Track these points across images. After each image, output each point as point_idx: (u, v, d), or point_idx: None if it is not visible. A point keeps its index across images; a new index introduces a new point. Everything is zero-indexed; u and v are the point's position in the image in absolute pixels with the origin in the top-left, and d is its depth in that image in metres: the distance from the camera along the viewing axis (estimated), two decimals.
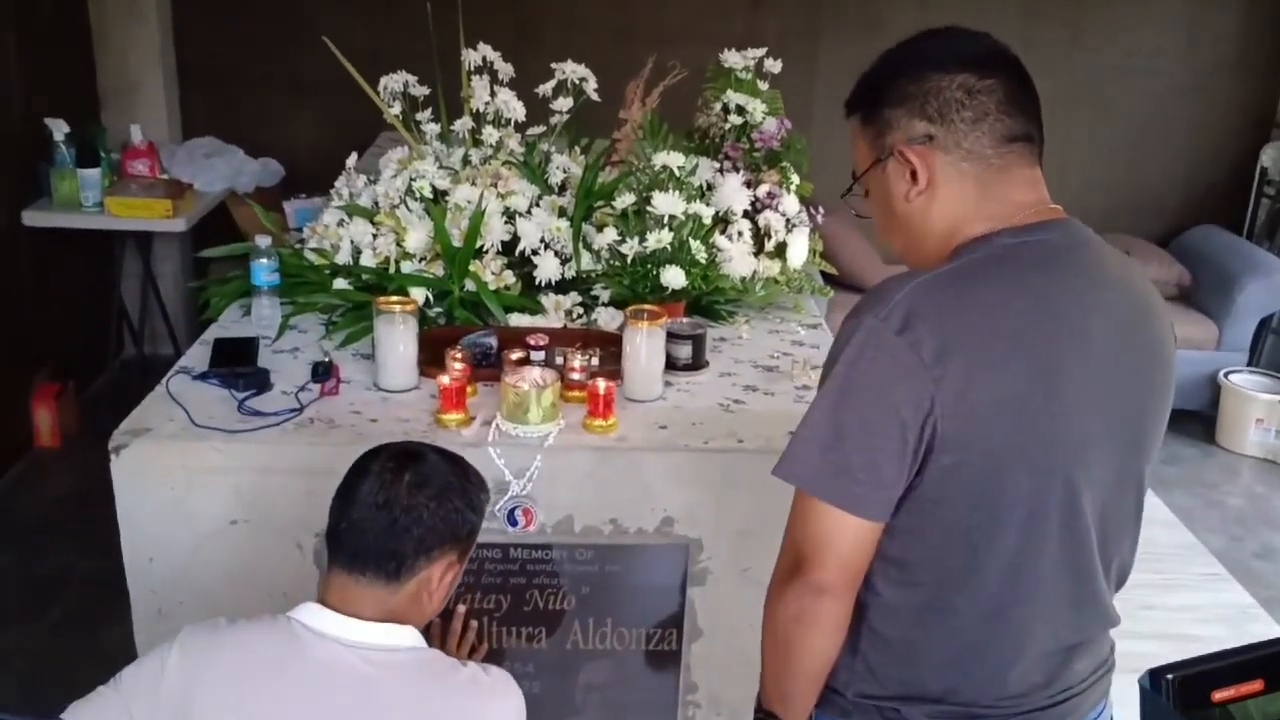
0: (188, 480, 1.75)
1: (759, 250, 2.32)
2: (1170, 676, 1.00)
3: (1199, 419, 4.44)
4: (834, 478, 1.12)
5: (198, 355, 2.08)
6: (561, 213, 2.26)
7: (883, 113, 1.21)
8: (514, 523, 1.78)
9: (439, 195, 2.26)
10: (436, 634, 1.76)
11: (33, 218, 3.67)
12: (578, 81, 2.40)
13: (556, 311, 2.21)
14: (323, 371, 1.94)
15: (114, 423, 1.79)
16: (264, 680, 1.28)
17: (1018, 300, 1.13)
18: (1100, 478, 1.19)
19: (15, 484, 3.62)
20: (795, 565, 1.16)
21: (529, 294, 2.24)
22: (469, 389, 1.89)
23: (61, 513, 3.39)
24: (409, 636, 1.35)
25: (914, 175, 1.20)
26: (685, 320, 2.16)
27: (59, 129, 3.64)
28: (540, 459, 1.77)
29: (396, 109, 2.42)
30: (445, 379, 1.82)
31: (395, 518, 1.33)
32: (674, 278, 2.15)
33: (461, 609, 1.82)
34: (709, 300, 2.36)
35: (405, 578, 1.34)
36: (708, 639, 1.94)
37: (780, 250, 2.34)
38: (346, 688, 1.29)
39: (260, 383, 1.92)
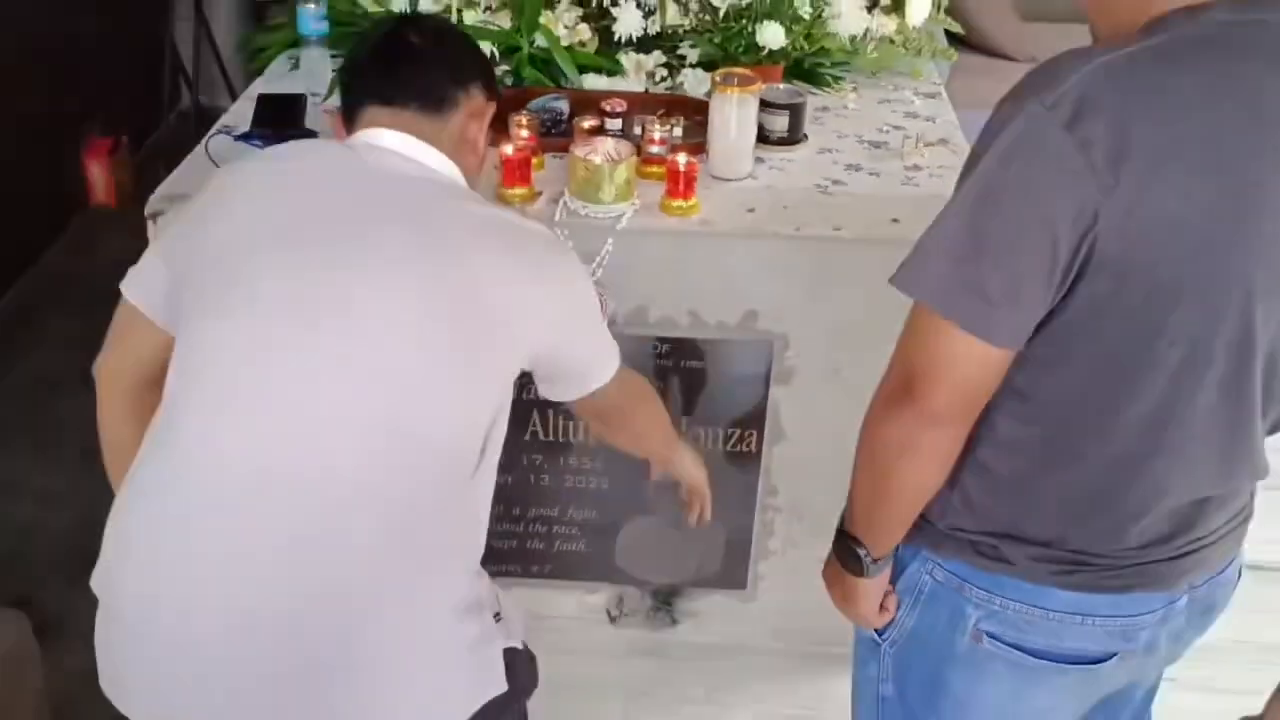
0: None
1: (873, 4, 2.26)
2: None
3: None
4: (964, 295, 1.08)
5: (241, 113, 2.11)
6: None
7: None
8: None
9: None
10: None
11: None
12: None
13: (637, 74, 2.20)
14: None
15: None
16: (316, 181, 1.28)
17: (1225, 99, 1.02)
18: None
19: (72, 245, 3.77)
20: (905, 388, 1.14)
21: (606, 52, 2.23)
22: (535, 160, 1.90)
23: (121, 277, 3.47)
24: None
25: None
26: (782, 86, 2.12)
27: None
28: (612, 242, 1.79)
29: None
30: (508, 148, 1.82)
31: (418, 48, 1.36)
32: (772, 36, 2.12)
33: None
34: (811, 63, 2.31)
35: (448, 110, 1.35)
36: (791, 442, 2.00)
37: (898, 4, 2.28)
38: (417, 199, 1.26)
39: None
